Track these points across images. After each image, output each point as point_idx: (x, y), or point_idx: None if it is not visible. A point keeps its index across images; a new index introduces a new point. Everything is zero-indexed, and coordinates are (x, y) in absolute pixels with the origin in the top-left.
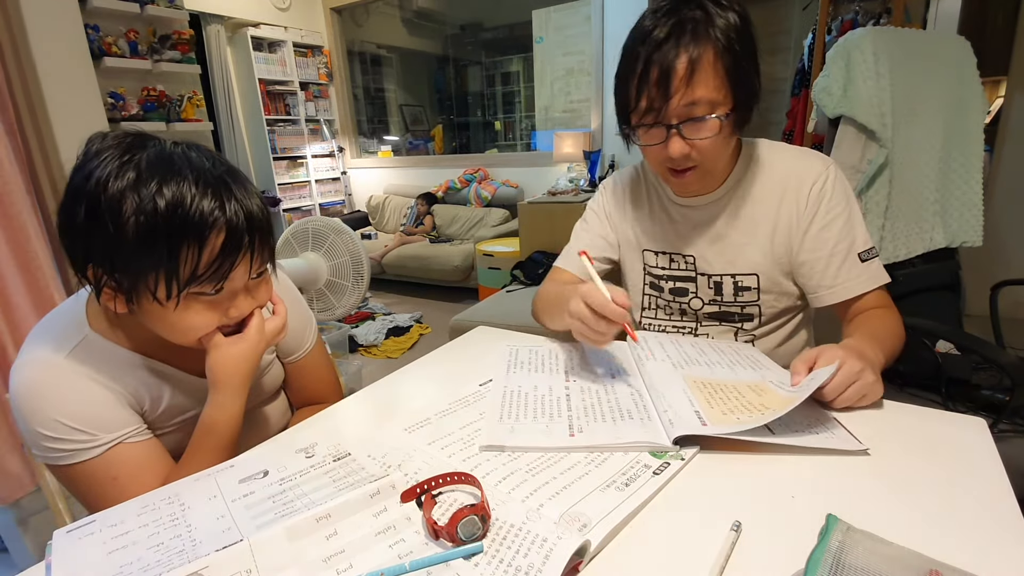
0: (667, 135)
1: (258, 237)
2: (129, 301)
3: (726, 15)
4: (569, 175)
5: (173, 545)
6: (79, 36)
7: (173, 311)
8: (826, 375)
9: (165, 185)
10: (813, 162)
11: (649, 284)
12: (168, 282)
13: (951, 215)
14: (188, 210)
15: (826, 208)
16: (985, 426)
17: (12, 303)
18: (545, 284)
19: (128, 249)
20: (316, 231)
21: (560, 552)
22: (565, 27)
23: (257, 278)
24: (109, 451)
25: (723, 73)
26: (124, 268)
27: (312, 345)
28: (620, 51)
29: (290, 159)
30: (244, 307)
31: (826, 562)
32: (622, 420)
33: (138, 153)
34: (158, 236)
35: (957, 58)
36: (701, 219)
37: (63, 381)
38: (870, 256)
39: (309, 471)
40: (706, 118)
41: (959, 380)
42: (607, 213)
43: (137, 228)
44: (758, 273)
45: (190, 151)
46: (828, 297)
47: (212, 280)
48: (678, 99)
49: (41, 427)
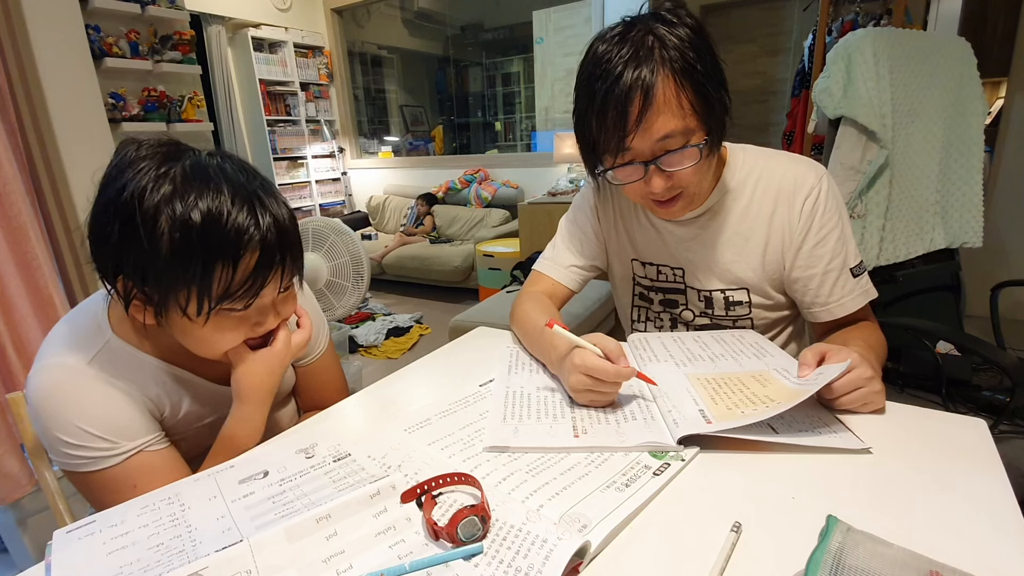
0: (645, 172)
1: (289, 254)
2: (158, 315)
3: (677, 31)
4: (569, 175)
5: (173, 545)
6: (80, 37)
7: (202, 327)
8: (837, 371)
9: (201, 199)
10: (805, 173)
11: (638, 295)
12: (200, 299)
13: (951, 216)
14: (224, 227)
15: (819, 223)
16: (985, 427)
17: (12, 303)
18: (525, 298)
19: (162, 264)
20: (316, 231)
21: (560, 553)
22: (565, 28)
23: (285, 292)
24: (130, 459)
25: (690, 98)
26: (156, 283)
27: (324, 348)
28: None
29: (290, 160)
30: (271, 322)
31: (826, 563)
32: (626, 422)
33: (174, 165)
34: (193, 253)
35: (958, 59)
36: (687, 234)
37: (86, 388)
38: (861, 271)
39: (309, 471)
40: (683, 148)
41: (959, 381)
42: (597, 213)
43: (172, 244)
44: (749, 288)
45: (224, 163)
46: (823, 315)
47: (244, 298)
48: (649, 135)
49: (62, 433)
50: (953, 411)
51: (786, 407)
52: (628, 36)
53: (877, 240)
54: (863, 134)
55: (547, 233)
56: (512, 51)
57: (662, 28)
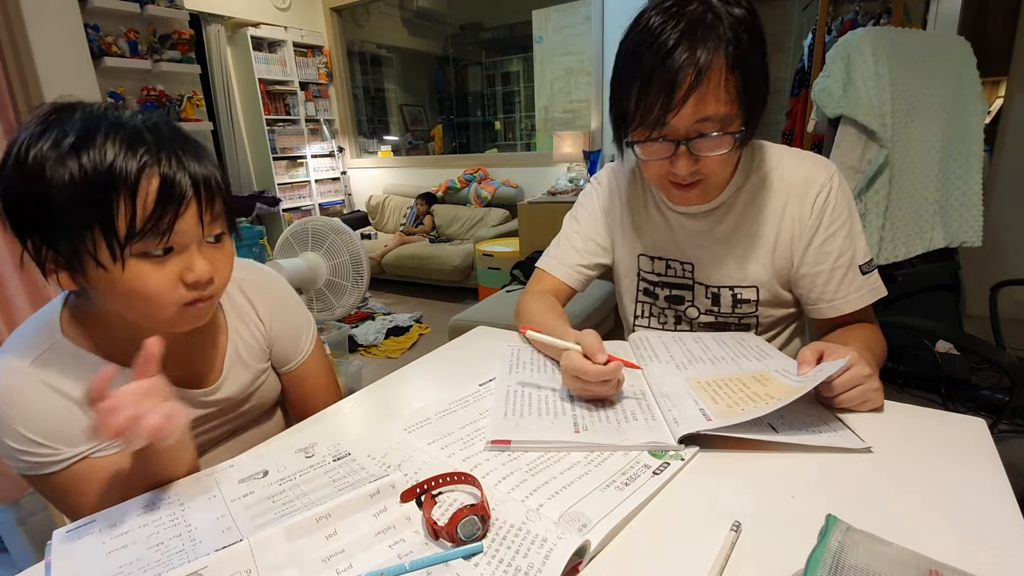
0: (674, 151)
1: (204, 188)
2: (73, 272)
3: (734, 11)
4: (569, 175)
5: (173, 545)
6: (79, 36)
7: (122, 275)
8: (836, 368)
9: (88, 141)
10: (817, 169)
11: (643, 291)
12: (108, 240)
13: (951, 215)
14: (114, 160)
15: (829, 220)
16: (985, 426)
17: (12, 303)
18: (529, 297)
19: (57, 211)
20: (316, 231)
21: (560, 552)
22: (565, 27)
23: (215, 242)
24: (75, 465)
25: (737, 85)
26: (58, 234)
27: (310, 351)
28: (617, 50)
29: (290, 159)
30: (201, 270)
31: (826, 562)
32: (626, 421)
33: (59, 119)
34: (84, 191)
35: (957, 58)
36: (699, 228)
37: (25, 390)
38: (870, 268)
39: (309, 471)
40: (718, 135)
41: (959, 380)
42: (602, 210)
43: (63, 187)
44: (758, 286)
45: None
46: (828, 311)
47: (154, 234)
48: (688, 115)
49: (6, 437)
50: (953, 410)
51: (786, 402)
52: (685, 9)
53: (877, 239)
54: (862, 133)
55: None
56: (512, 50)
57: (721, 5)
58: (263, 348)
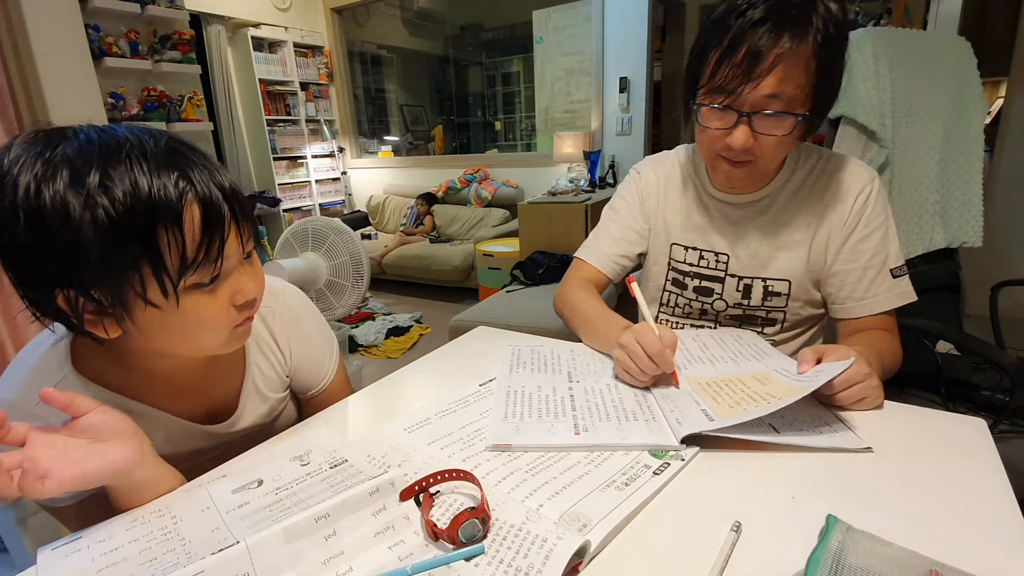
0: (736, 122)
1: (236, 205)
2: (120, 319)
3: (831, 3)
4: (569, 175)
5: (167, 559)
6: (79, 36)
7: (176, 312)
8: (838, 369)
9: (111, 169)
10: (859, 172)
11: (671, 280)
12: (158, 277)
13: (951, 215)
14: (150, 190)
15: (867, 220)
16: (985, 426)
17: (12, 303)
18: (571, 284)
19: (95, 256)
20: (316, 231)
21: (560, 552)
22: (565, 27)
23: (248, 257)
24: (83, 502)
25: (813, 71)
26: (99, 279)
27: (334, 373)
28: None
29: (290, 159)
30: (249, 289)
31: (826, 562)
32: (627, 421)
33: (58, 146)
34: (125, 228)
35: (957, 59)
36: (739, 218)
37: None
38: (902, 273)
39: (305, 479)
40: (783, 114)
41: (959, 380)
42: (641, 200)
43: (97, 227)
44: (791, 279)
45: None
46: (856, 309)
47: (207, 263)
48: (760, 88)
49: None
50: (953, 410)
51: (789, 402)
52: None
53: None
54: (863, 134)
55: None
56: (512, 51)
57: None
58: (282, 378)
